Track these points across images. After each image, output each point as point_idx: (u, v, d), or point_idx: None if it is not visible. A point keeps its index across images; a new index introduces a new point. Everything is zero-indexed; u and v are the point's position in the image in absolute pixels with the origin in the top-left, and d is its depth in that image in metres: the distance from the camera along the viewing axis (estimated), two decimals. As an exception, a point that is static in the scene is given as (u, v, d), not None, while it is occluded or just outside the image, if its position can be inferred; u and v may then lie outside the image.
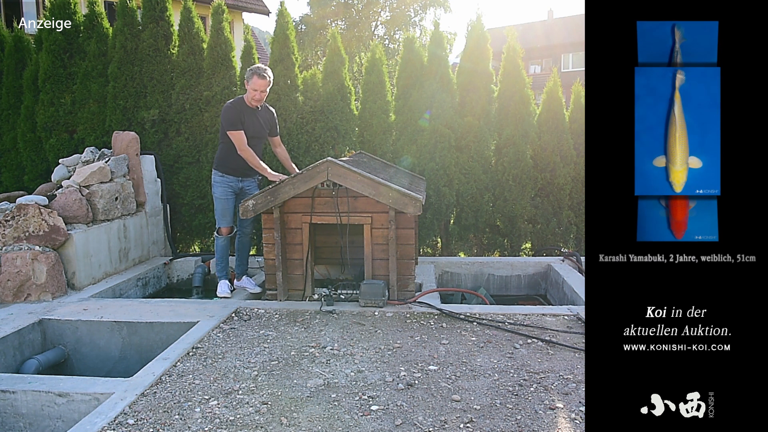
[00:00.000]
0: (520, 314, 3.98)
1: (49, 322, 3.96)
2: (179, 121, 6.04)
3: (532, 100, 6.08)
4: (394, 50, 24.53)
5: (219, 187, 4.62)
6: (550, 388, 2.88)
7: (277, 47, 5.98)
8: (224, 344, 3.50)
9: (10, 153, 6.36)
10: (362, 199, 4.22)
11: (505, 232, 6.13)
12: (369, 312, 4.03)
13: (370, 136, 5.99)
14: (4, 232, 4.40)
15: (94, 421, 2.56)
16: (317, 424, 2.55)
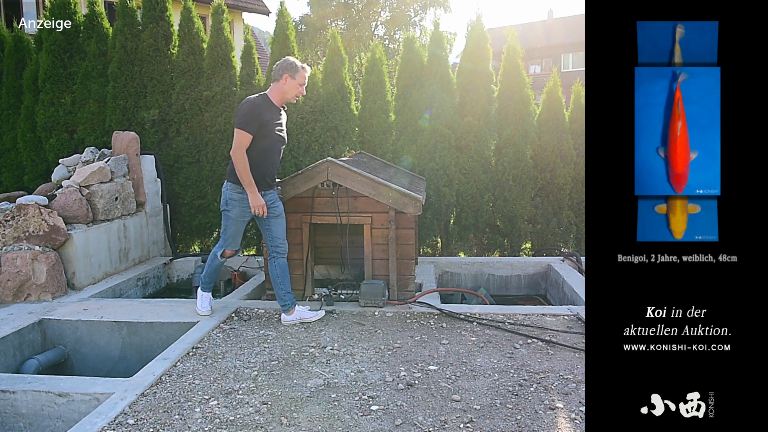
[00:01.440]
0: (520, 314, 3.98)
1: (49, 322, 3.96)
2: (179, 121, 6.04)
3: (532, 100, 6.08)
4: (394, 50, 24.54)
5: (237, 207, 3.77)
6: (550, 388, 2.88)
7: (277, 47, 5.98)
8: (224, 344, 3.50)
9: (10, 153, 6.36)
10: (362, 199, 4.22)
11: (505, 232, 6.13)
12: (369, 312, 4.03)
13: (370, 136, 5.99)
14: (4, 232, 4.40)
15: (94, 421, 2.56)
16: (317, 424, 2.55)
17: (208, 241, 6.46)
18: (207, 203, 6.14)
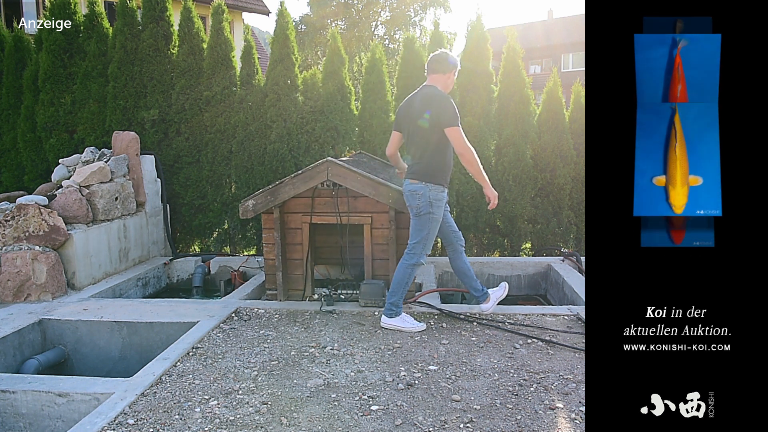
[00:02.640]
0: (520, 314, 3.98)
1: (49, 322, 3.96)
2: (179, 121, 6.04)
3: (532, 100, 6.08)
4: (394, 50, 24.52)
5: (441, 208, 3.64)
6: (550, 388, 2.88)
7: (277, 47, 5.98)
8: (224, 344, 3.50)
9: (10, 153, 6.36)
10: (362, 199, 4.22)
11: (505, 232, 6.13)
12: (369, 312, 4.03)
13: (370, 136, 5.99)
14: (4, 232, 4.40)
15: (94, 421, 2.56)
16: (317, 424, 2.55)
17: (208, 241, 6.46)
18: (207, 203, 6.14)
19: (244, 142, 5.98)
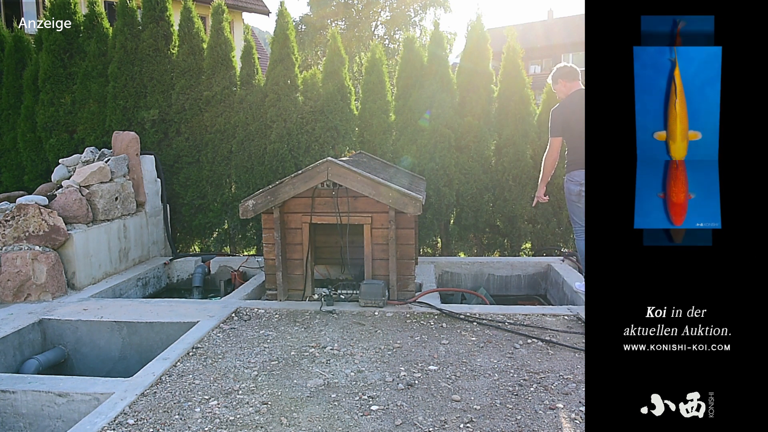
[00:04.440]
0: (520, 314, 3.98)
1: (49, 322, 3.96)
2: (179, 121, 6.04)
3: (532, 100, 6.08)
4: (394, 50, 24.53)
5: None
6: (550, 388, 2.88)
7: (277, 47, 5.98)
8: (224, 344, 3.50)
9: (10, 153, 6.36)
10: (362, 199, 4.22)
11: (505, 232, 6.13)
12: (369, 312, 4.03)
13: (370, 136, 5.99)
14: (4, 232, 4.40)
15: (94, 421, 2.56)
16: (317, 424, 2.55)
17: (208, 241, 6.46)
18: (207, 203, 6.14)
19: (244, 142, 5.98)
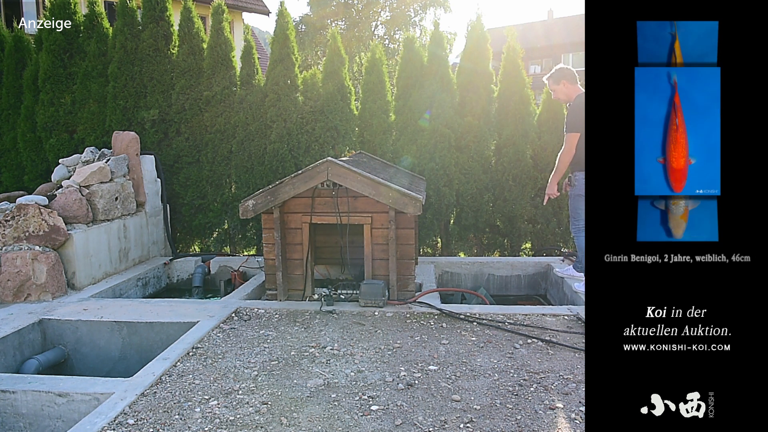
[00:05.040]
0: (520, 314, 3.98)
1: (49, 322, 3.96)
2: (179, 121, 6.04)
3: (532, 100, 6.08)
4: (394, 50, 24.54)
5: None
6: (550, 388, 2.88)
7: (277, 47, 5.98)
8: (224, 344, 3.50)
9: (10, 153, 6.36)
10: (362, 199, 4.22)
11: (505, 232, 6.13)
12: (369, 312, 4.03)
13: (370, 136, 5.99)
14: (4, 232, 4.40)
15: (94, 421, 2.56)
16: (317, 424, 2.55)
17: (208, 241, 6.46)
18: (207, 203, 6.14)
19: (244, 142, 5.98)
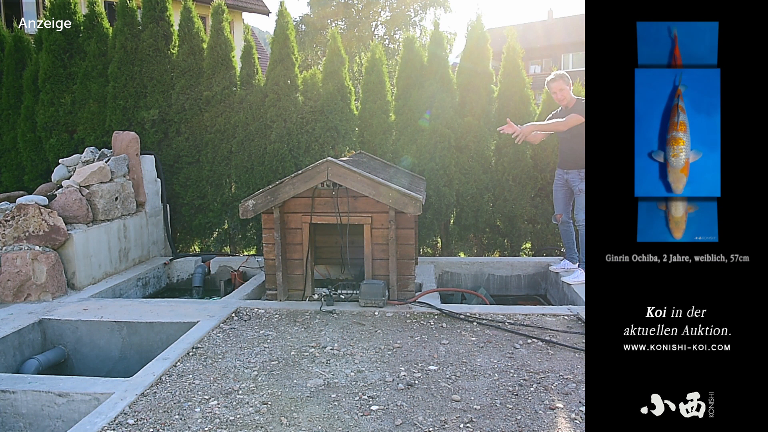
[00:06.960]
0: (520, 314, 3.98)
1: (49, 322, 3.96)
2: (179, 121, 6.04)
3: (532, 100, 6.08)
4: (394, 50, 24.54)
5: None
6: (550, 388, 2.88)
7: (277, 47, 5.98)
8: (224, 344, 3.50)
9: (10, 153, 6.36)
10: (362, 199, 4.22)
11: (505, 232, 6.13)
12: (369, 312, 4.03)
13: (370, 136, 5.99)
14: (4, 232, 4.40)
15: (94, 421, 2.56)
16: (317, 424, 2.55)
17: (208, 241, 6.46)
18: (207, 203, 6.14)
19: (244, 142, 5.98)
